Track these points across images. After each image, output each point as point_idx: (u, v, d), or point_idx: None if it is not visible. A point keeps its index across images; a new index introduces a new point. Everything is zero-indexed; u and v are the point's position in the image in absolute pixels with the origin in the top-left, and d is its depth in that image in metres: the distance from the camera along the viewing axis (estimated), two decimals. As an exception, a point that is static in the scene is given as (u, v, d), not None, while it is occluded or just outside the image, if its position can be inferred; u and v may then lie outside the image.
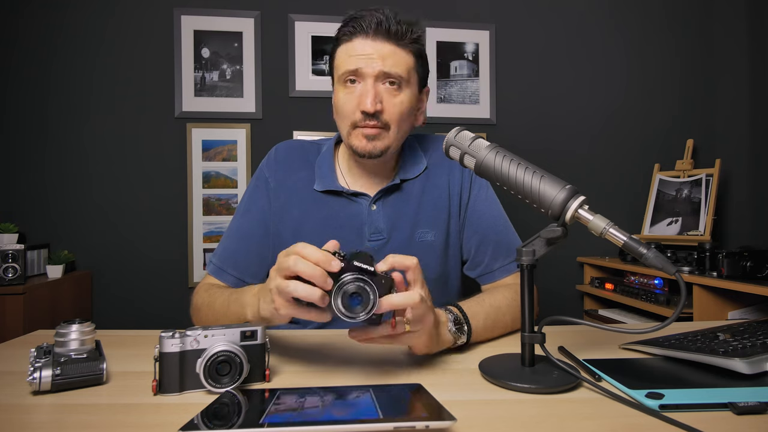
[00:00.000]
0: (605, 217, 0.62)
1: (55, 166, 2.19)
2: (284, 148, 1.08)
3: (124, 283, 2.23)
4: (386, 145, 0.95)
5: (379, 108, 0.91)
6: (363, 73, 0.91)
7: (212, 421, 0.48)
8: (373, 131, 0.93)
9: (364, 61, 0.91)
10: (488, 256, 1.02)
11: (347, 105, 0.94)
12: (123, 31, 2.23)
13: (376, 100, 0.91)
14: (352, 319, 0.58)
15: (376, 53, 0.91)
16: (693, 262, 1.85)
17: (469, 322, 0.77)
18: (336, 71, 0.97)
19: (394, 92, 0.93)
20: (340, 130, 0.98)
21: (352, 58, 0.92)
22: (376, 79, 0.92)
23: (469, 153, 0.71)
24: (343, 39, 0.95)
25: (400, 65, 0.93)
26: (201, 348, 0.60)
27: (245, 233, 1.02)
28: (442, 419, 0.46)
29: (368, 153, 0.94)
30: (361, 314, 0.58)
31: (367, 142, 0.93)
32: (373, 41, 0.92)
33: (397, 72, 0.92)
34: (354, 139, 0.95)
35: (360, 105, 0.91)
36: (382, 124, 0.93)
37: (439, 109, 2.38)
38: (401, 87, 0.94)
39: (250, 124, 2.28)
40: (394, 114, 0.93)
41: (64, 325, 0.64)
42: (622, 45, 2.48)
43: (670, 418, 0.50)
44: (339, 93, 0.96)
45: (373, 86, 0.91)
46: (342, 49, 0.95)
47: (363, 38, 0.92)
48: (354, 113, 0.93)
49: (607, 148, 2.47)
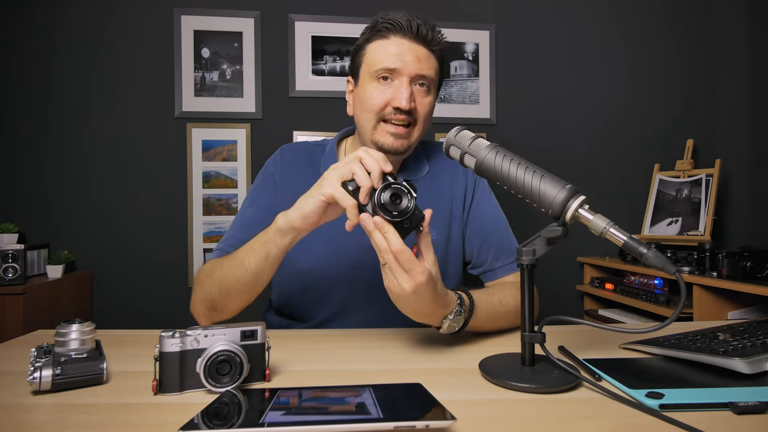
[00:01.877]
0: (605, 217, 0.62)
1: (55, 166, 2.19)
2: (289, 148, 1.10)
3: (124, 283, 2.22)
4: (410, 142, 0.98)
5: (413, 105, 0.94)
6: (400, 71, 0.94)
7: (212, 420, 0.48)
8: (401, 130, 0.95)
9: (402, 61, 0.93)
10: (490, 256, 1.04)
11: (378, 99, 0.95)
12: (123, 31, 2.23)
13: (411, 99, 0.94)
14: (388, 215, 0.67)
15: (414, 54, 0.94)
16: (693, 262, 1.85)
17: (472, 312, 0.79)
18: (367, 66, 0.97)
19: (424, 93, 0.97)
20: (362, 124, 0.99)
21: (390, 56, 0.94)
22: (412, 79, 0.94)
23: (469, 153, 0.71)
24: (377, 35, 0.96)
25: (431, 69, 0.97)
26: (201, 347, 0.60)
27: (252, 221, 1.01)
28: (442, 419, 0.46)
29: (395, 150, 0.97)
30: (399, 208, 0.68)
31: (394, 139, 0.96)
32: (411, 42, 0.95)
33: (430, 75, 0.96)
34: (380, 135, 0.96)
35: (395, 101, 0.93)
36: (411, 120, 0.96)
37: (439, 109, 2.37)
38: (430, 89, 0.98)
39: (250, 124, 2.28)
40: (423, 113, 0.97)
41: (64, 325, 0.64)
42: (622, 45, 2.48)
43: (670, 417, 0.50)
44: (368, 87, 0.96)
45: (408, 85, 0.94)
46: (377, 44, 0.96)
47: (401, 37, 0.95)
48: (384, 108, 0.95)
49: (607, 148, 2.47)
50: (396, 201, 0.68)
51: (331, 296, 1.00)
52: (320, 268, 0.99)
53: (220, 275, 0.87)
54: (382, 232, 0.66)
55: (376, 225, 0.66)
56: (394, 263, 0.66)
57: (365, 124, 0.98)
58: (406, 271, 0.66)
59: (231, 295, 0.86)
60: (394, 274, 0.67)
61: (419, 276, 0.66)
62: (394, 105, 0.94)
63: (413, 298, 0.68)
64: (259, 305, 1.10)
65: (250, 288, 0.85)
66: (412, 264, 0.66)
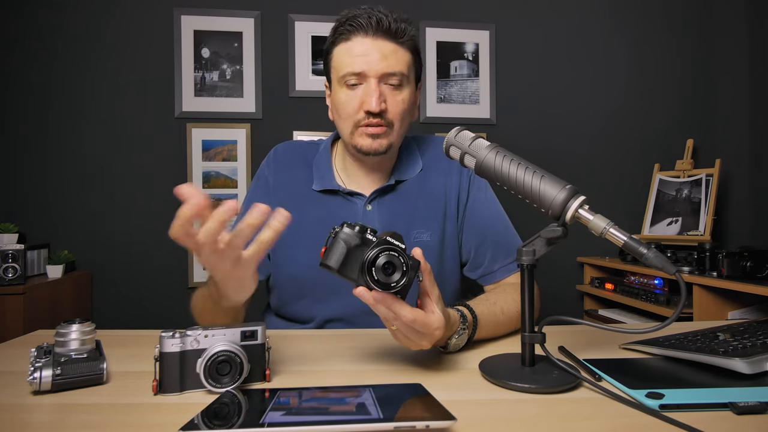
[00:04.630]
0: (605, 217, 0.62)
1: (56, 166, 2.19)
2: (283, 148, 1.08)
3: (124, 283, 2.22)
4: (390, 142, 0.96)
5: (383, 107, 0.92)
6: (366, 74, 0.91)
7: (212, 421, 0.48)
8: (377, 130, 0.93)
9: (366, 63, 0.91)
10: (488, 257, 1.02)
11: (350, 105, 0.93)
12: (123, 32, 2.23)
13: (380, 100, 0.91)
14: (384, 287, 0.59)
15: (378, 52, 0.91)
16: (693, 262, 1.85)
17: (475, 329, 0.77)
18: (335, 72, 0.96)
19: (396, 91, 0.94)
20: (341, 130, 0.98)
21: (354, 59, 0.91)
22: (379, 79, 0.92)
23: (469, 153, 0.71)
24: (340, 38, 0.94)
25: (400, 63, 0.93)
26: (201, 348, 0.60)
27: None
28: (442, 419, 0.46)
29: (374, 151, 0.95)
30: (394, 280, 0.59)
31: (372, 140, 0.94)
32: (373, 40, 0.91)
33: (399, 70, 0.93)
34: (358, 139, 0.95)
35: (364, 105, 0.91)
36: (386, 122, 0.94)
37: (439, 109, 2.38)
38: (402, 85, 0.94)
39: (250, 124, 2.28)
40: (397, 112, 0.94)
41: (65, 325, 0.64)
42: (622, 45, 2.48)
43: (670, 418, 0.50)
44: (339, 94, 0.95)
45: (377, 86, 0.91)
46: (340, 48, 0.94)
47: (362, 37, 0.92)
48: (357, 113, 0.93)
49: (607, 148, 2.47)
50: (389, 270, 0.59)
51: (327, 300, 0.98)
52: (312, 275, 0.98)
53: (198, 306, 0.90)
54: (386, 306, 0.60)
55: (377, 300, 0.59)
56: (409, 330, 0.63)
57: (344, 130, 0.97)
58: (422, 334, 0.63)
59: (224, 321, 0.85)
60: (410, 337, 0.64)
61: (437, 332, 0.63)
62: (365, 109, 0.92)
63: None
64: (259, 306, 1.10)
65: (236, 315, 0.88)
66: (427, 327, 0.62)
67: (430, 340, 0.64)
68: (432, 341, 0.65)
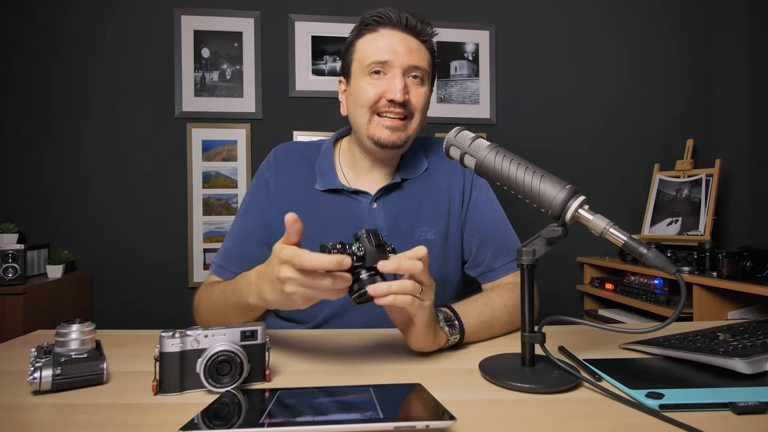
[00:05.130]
0: (605, 217, 0.62)
1: (56, 166, 2.19)
2: (283, 149, 1.08)
3: (124, 283, 2.22)
4: (408, 135, 0.97)
5: (407, 98, 0.94)
6: (392, 64, 0.93)
7: (212, 420, 0.48)
8: (397, 122, 0.94)
9: (393, 53, 0.93)
10: (489, 256, 1.03)
11: (372, 92, 0.94)
12: (123, 32, 2.23)
13: (404, 91, 0.93)
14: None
15: (405, 45, 0.94)
16: (693, 262, 1.85)
17: (460, 319, 0.78)
18: (360, 62, 0.97)
19: (419, 85, 0.96)
20: (357, 120, 0.98)
21: (380, 49, 0.94)
22: (405, 71, 0.94)
23: (469, 153, 0.71)
24: (366, 30, 0.96)
25: (424, 59, 0.96)
26: (201, 348, 0.60)
27: (245, 232, 1.02)
28: (442, 419, 0.46)
29: (392, 143, 0.95)
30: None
31: (390, 132, 0.95)
32: (401, 33, 0.94)
33: (422, 65, 0.95)
34: (375, 130, 0.95)
35: (389, 93, 0.93)
36: (407, 113, 0.95)
37: (439, 109, 2.38)
38: (424, 80, 0.97)
39: (250, 124, 2.28)
40: (418, 105, 0.96)
41: (65, 325, 0.64)
42: (623, 45, 2.48)
43: (670, 418, 0.50)
44: (361, 82, 0.96)
45: (401, 77, 0.93)
46: (366, 39, 0.96)
47: (390, 29, 0.94)
48: (378, 101, 0.94)
49: (607, 148, 2.47)
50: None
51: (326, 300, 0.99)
52: None
53: (209, 308, 0.90)
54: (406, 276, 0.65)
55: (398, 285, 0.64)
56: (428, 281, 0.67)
57: (359, 120, 0.97)
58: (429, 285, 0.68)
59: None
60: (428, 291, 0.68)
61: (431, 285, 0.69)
62: (388, 97, 0.93)
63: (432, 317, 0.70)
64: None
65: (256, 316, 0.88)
66: (415, 255, 0.67)
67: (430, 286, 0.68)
68: (432, 289, 0.68)
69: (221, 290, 0.86)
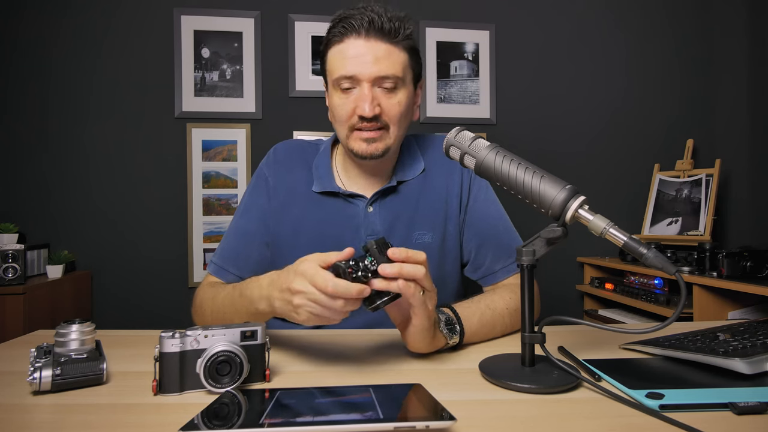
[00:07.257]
0: (605, 217, 0.62)
1: (55, 166, 2.19)
2: (283, 148, 1.07)
3: (124, 283, 2.23)
4: (387, 145, 0.94)
5: (377, 111, 0.90)
6: (359, 77, 0.89)
7: (212, 421, 0.48)
8: (372, 134, 0.92)
9: (359, 66, 0.89)
10: (489, 258, 1.01)
11: (344, 109, 0.92)
12: (123, 32, 2.23)
13: (374, 105, 0.89)
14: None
15: (371, 55, 0.89)
16: (693, 262, 1.85)
17: (461, 322, 0.77)
18: (329, 75, 0.94)
19: (391, 93, 0.92)
20: (338, 133, 0.98)
21: (346, 62, 0.90)
22: (373, 83, 0.90)
23: (469, 153, 0.71)
24: (333, 40, 0.92)
25: (395, 65, 0.90)
26: (201, 348, 0.60)
27: (245, 232, 1.02)
28: (442, 419, 0.46)
29: (369, 155, 0.93)
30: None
31: (367, 145, 0.92)
32: (366, 41, 0.89)
33: (393, 73, 0.90)
34: (353, 143, 0.93)
35: (358, 110, 0.90)
36: (381, 125, 0.92)
37: (439, 109, 2.38)
38: (397, 87, 0.92)
39: (250, 124, 2.28)
40: (392, 115, 0.92)
41: (64, 325, 0.64)
42: (622, 45, 2.48)
43: (670, 418, 0.50)
44: (334, 97, 0.94)
45: (369, 91, 0.89)
46: (334, 51, 0.92)
47: (355, 38, 0.89)
48: (352, 117, 0.92)
49: (607, 148, 2.47)
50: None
51: None
52: None
53: (214, 310, 0.89)
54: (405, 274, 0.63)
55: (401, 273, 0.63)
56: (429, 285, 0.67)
57: (340, 133, 0.96)
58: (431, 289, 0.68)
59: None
60: (432, 295, 0.68)
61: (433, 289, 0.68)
62: (358, 114, 0.90)
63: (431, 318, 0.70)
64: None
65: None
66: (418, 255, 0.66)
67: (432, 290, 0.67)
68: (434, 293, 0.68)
69: (228, 293, 0.86)
